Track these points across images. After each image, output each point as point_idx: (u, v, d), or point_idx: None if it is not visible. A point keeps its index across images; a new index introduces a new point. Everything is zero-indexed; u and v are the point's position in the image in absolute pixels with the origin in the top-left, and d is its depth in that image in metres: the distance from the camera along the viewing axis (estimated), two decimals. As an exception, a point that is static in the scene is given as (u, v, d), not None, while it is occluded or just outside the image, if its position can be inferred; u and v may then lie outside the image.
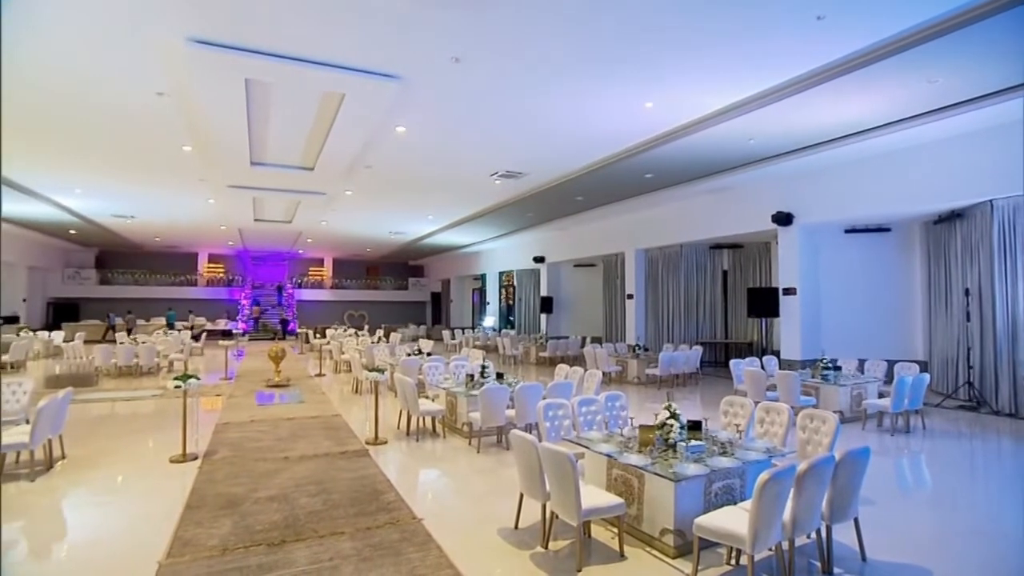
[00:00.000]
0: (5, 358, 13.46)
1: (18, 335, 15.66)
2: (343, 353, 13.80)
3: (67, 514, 4.70)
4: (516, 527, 4.17)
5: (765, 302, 11.41)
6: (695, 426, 4.33)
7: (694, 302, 14.98)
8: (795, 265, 10.74)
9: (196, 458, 5.95)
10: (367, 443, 6.65)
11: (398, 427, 7.38)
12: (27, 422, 5.87)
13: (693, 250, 14.88)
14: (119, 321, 22.23)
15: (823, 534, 3.51)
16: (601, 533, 4.08)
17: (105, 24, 5.50)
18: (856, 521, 3.68)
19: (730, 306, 14.95)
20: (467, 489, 5.26)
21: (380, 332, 17.85)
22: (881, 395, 8.18)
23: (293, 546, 3.84)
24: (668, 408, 4.29)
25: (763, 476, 2.96)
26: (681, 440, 4.17)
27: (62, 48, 6.02)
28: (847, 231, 11.40)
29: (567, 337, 16.91)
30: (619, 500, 3.77)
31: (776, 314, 11.24)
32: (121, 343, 13.74)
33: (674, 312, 15.07)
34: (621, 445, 4.36)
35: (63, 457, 5.95)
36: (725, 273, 15.08)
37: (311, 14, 5.32)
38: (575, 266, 19.74)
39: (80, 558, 3.83)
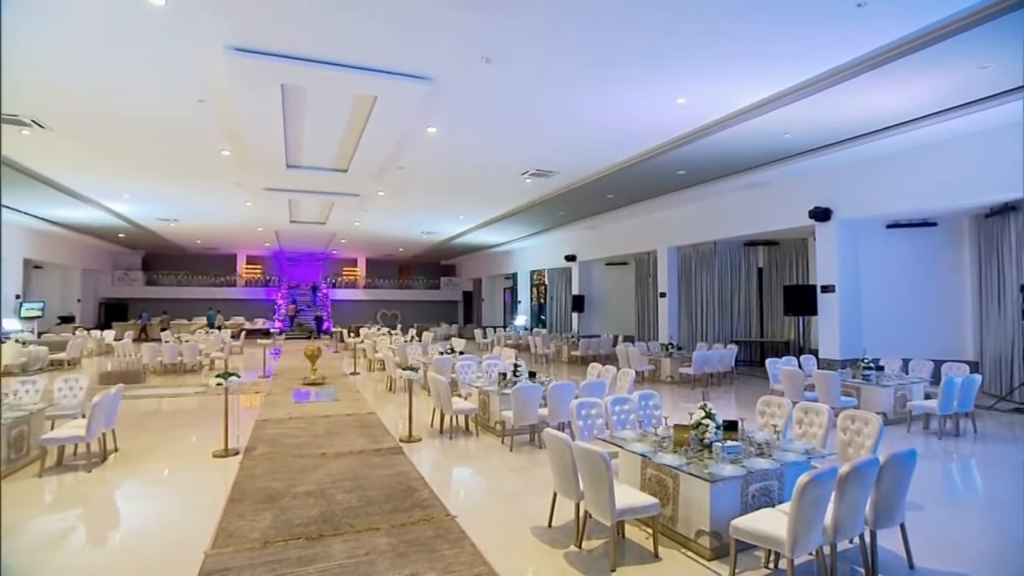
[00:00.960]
0: (62, 355, 14.16)
1: (74, 334, 16.43)
2: (376, 352, 14.03)
3: (120, 504, 4.92)
4: (549, 525, 4.17)
5: (802, 300, 11.11)
6: (731, 426, 4.26)
7: (728, 300, 14.70)
8: (834, 262, 10.42)
9: (237, 453, 6.14)
10: (401, 441, 6.75)
11: (431, 425, 7.46)
12: (83, 416, 6.17)
13: (727, 247, 14.60)
14: (153, 321, 23.11)
15: (867, 540, 3.41)
16: (635, 533, 4.05)
17: (152, 38, 5.72)
18: (903, 527, 3.56)
19: (765, 304, 14.61)
20: (500, 487, 5.29)
21: (412, 331, 18.07)
22: (928, 396, 7.87)
23: (330, 540, 3.93)
24: (703, 408, 4.23)
25: (803, 478, 2.90)
26: (717, 440, 4.11)
27: (113, 63, 6.29)
28: (889, 226, 11.01)
29: (599, 336, 16.81)
30: (653, 500, 3.74)
31: (814, 312, 10.92)
32: (166, 342, 14.27)
33: (708, 310, 14.82)
34: (655, 445, 4.32)
35: (116, 450, 6.23)
36: (760, 270, 14.74)
37: (344, 19, 5.43)
38: (607, 264, 19.60)
39: (133, 546, 4.00)
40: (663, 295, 15.31)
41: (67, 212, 15.58)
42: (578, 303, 19.14)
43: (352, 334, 19.01)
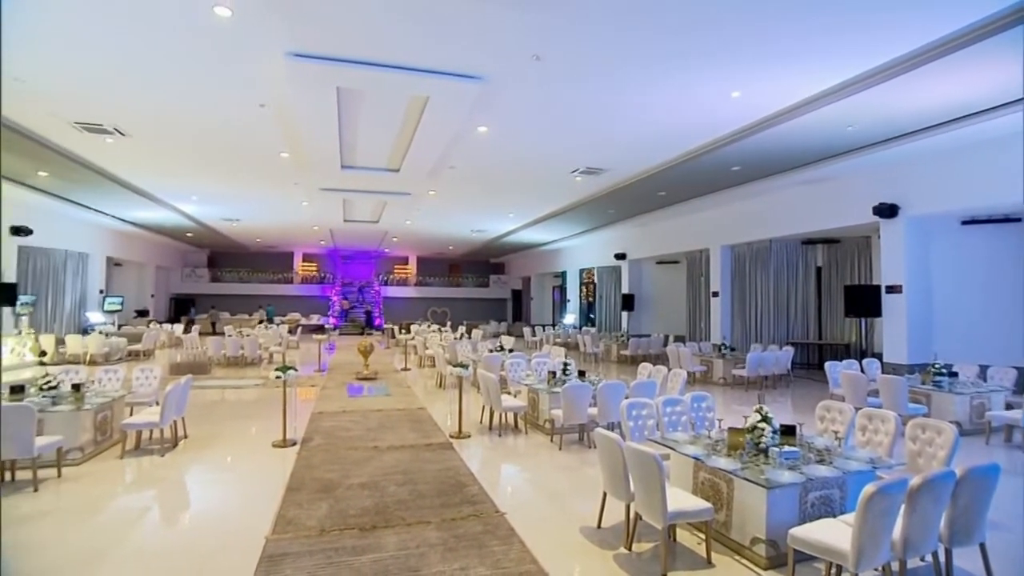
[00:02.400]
0: (138, 346, 15.14)
1: (148, 327, 17.53)
2: (427, 348, 14.29)
3: (190, 487, 5.22)
4: (599, 526, 4.15)
5: (865, 301, 10.55)
6: (788, 431, 4.12)
7: (784, 300, 14.16)
8: (901, 260, 9.85)
9: (295, 444, 6.40)
10: (451, 436, 6.86)
11: (480, 422, 7.54)
12: (157, 404, 6.57)
13: (784, 246, 14.05)
14: (202, 317, 24.33)
15: (941, 558, 3.22)
16: (687, 538, 3.97)
17: (218, 47, 6.01)
18: (983, 547, 3.32)
19: (824, 305, 13.98)
20: (549, 485, 5.30)
21: (462, 328, 18.29)
22: (1009, 406, 7.34)
23: (383, 532, 4.04)
24: (759, 411, 4.11)
25: (869, 488, 2.76)
26: (773, 445, 3.97)
27: (183, 72, 6.65)
28: (964, 222, 10.29)
29: (649, 335, 16.54)
30: (707, 505, 3.65)
31: (878, 314, 10.36)
32: (229, 336, 14.99)
33: (762, 311, 14.32)
34: (709, 448, 4.22)
35: (185, 436, 6.61)
36: (819, 270, 14.11)
37: (398, 22, 5.54)
38: (657, 263, 19.24)
39: (201, 527, 4.25)
40: (715, 295, 14.91)
41: (143, 213, 16.62)
42: (628, 302, 18.89)
43: (403, 331, 19.43)
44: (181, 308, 26.20)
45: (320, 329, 21.40)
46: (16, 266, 13.89)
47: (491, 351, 10.92)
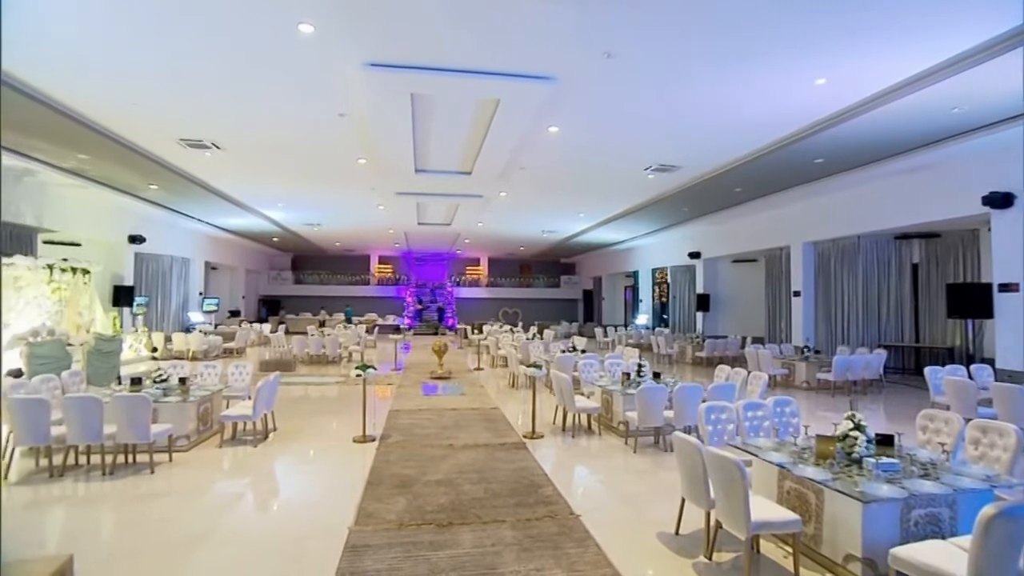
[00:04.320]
0: (232, 344, 16.33)
1: (240, 326, 18.86)
2: (499, 349, 14.45)
3: (279, 477, 5.56)
4: (676, 532, 4.04)
5: (972, 300, 9.60)
6: (885, 440, 3.83)
7: (875, 300, 13.12)
8: (1017, 256, 8.87)
9: (374, 440, 6.65)
10: (524, 436, 6.89)
11: (554, 422, 7.54)
12: (249, 398, 7.05)
13: (874, 241, 13.03)
14: (291, 318, 25.76)
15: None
16: (772, 550, 3.79)
17: (301, 61, 6.38)
18: None
19: (922, 305, 12.84)
20: (624, 489, 5.21)
21: (533, 329, 18.36)
22: None
23: (459, 529, 4.12)
24: (851, 418, 3.85)
25: (988, 510, 2.50)
26: (868, 455, 3.71)
27: (270, 86, 7.11)
28: (1096, 212, 9.15)
29: (725, 337, 15.89)
30: (794, 516, 3.45)
31: (988, 315, 9.39)
32: (312, 335, 15.84)
33: (849, 311, 13.35)
34: (794, 455, 4.00)
35: (275, 429, 7.05)
36: (915, 267, 12.98)
37: (470, 27, 5.65)
38: (733, 261, 18.47)
39: (290, 515, 4.52)
40: (797, 294, 14.09)
41: (235, 220, 17.93)
42: (703, 302, 18.26)
43: (475, 331, 19.76)
44: (271, 308, 28.00)
45: (396, 329, 22.18)
46: (132, 271, 15.41)
47: (563, 351, 10.88)
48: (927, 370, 8.38)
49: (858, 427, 3.79)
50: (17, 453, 5.44)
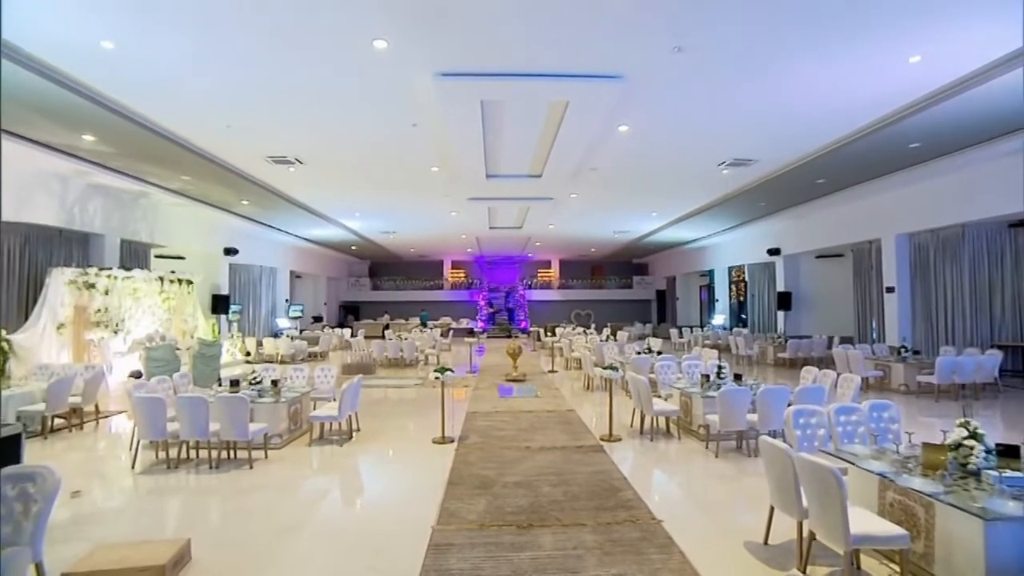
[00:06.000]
0: (316, 348, 17.27)
1: (323, 331, 19.92)
2: (573, 351, 14.38)
3: (364, 475, 5.82)
4: (766, 542, 3.86)
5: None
6: (1009, 452, 3.47)
7: (986, 295, 11.87)
8: None
9: (452, 441, 6.81)
10: (601, 439, 6.82)
11: (631, 425, 7.42)
12: (334, 400, 7.42)
13: (982, 231, 11.79)
14: (379, 323, 26.76)
15: None
16: (873, 567, 3.54)
17: (377, 75, 6.68)
18: None
19: (1046, 300, 11.53)
20: (706, 495, 5.05)
21: (606, 331, 18.13)
22: None
23: (539, 531, 4.14)
24: (965, 425, 3.53)
25: None
26: (987, 468, 3.39)
27: (346, 101, 7.51)
28: None
29: (810, 336, 15.00)
30: (901, 531, 3.21)
31: None
32: (390, 339, 16.44)
33: (953, 308, 12.14)
34: (897, 464, 3.72)
35: (358, 429, 7.37)
36: (1035, 257, 11.68)
37: (537, 30, 5.70)
38: (817, 257, 17.40)
39: (375, 513, 4.71)
40: (890, 290, 13.03)
41: (316, 231, 19.01)
42: (784, 300, 17.33)
43: (548, 333, 19.77)
44: (349, 314, 29.37)
45: (469, 332, 22.61)
46: (227, 280, 16.69)
47: (639, 353, 10.68)
48: (1052, 372, 7.53)
49: (974, 435, 3.46)
50: (140, 446, 6.02)
